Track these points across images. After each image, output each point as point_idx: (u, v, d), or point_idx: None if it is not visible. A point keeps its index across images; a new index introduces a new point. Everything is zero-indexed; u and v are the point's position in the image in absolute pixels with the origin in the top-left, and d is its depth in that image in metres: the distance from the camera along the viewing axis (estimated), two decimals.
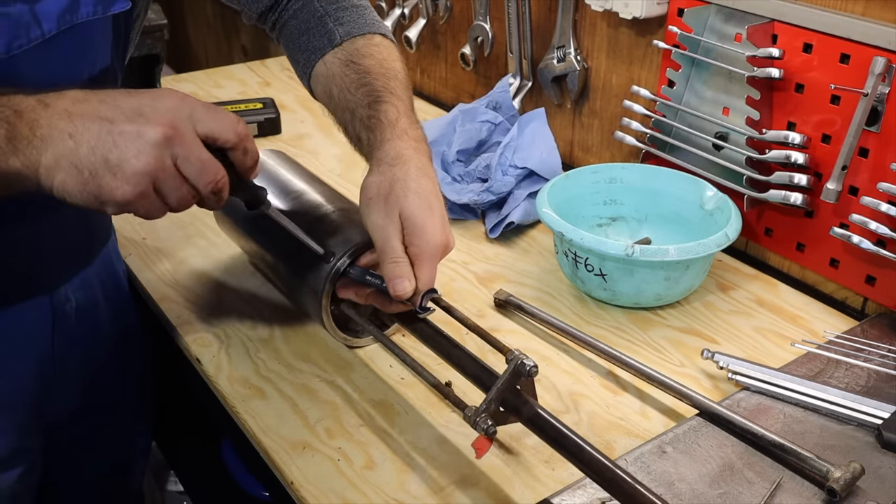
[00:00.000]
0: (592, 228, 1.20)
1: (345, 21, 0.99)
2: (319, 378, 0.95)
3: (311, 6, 1.00)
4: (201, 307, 1.08)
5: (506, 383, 0.76)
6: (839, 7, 1.01)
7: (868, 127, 0.99)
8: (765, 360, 0.98)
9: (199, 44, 2.98)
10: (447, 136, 1.38)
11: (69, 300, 1.01)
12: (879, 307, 1.07)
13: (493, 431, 0.74)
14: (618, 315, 1.08)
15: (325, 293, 0.91)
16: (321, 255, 0.90)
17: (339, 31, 0.98)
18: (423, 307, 0.84)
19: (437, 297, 0.86)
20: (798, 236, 1.13)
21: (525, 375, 0.76)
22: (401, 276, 0.81)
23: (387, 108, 0.90)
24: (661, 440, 0.86)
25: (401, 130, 0.88)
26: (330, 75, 0.96)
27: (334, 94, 0.95)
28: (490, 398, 0.75)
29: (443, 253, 0.84)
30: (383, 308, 0.90)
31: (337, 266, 0.90)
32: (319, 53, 0.98)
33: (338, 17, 0.99)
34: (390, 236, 0.82)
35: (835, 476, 0.77)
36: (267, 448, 0.86)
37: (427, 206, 0.84)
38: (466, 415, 0.75)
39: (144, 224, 1.27)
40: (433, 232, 0.83)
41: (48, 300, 0.98)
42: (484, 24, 1.55)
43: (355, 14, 1.00)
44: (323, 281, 0.90)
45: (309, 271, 0.92)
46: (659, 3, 1.20)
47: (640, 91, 1.24)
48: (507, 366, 0.76)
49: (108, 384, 1.13)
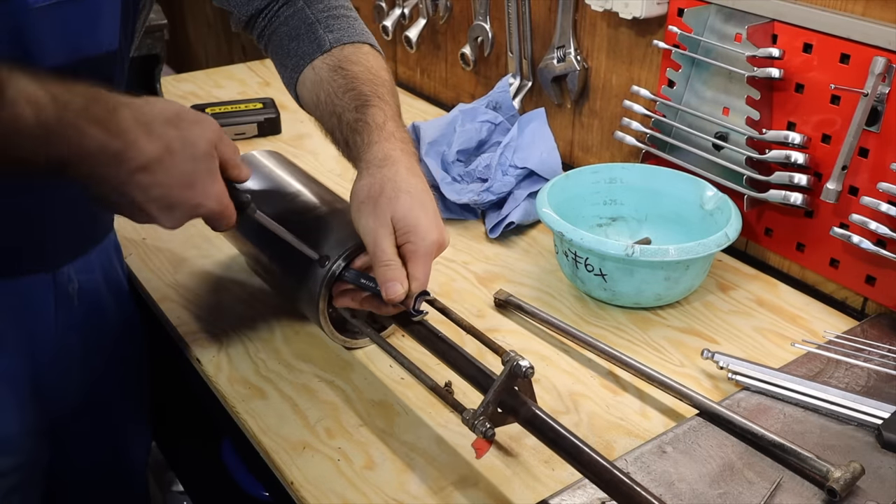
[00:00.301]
0: (592, 228, 1.20)
1: (335, 28, 1.00)
2: (319, 378, 0.95)
3: (303, 13, 1.01)
4: (201, 307, 1.08)
5: (502, 385, 0.76)
6: (839, 7, 1.01)
7: (868, 127, 0.99)
8: (765, 360, 0.98)
9: (199, 44, 2.98)
10: (447, 136, 1.38)
11: (71, 281, 1.02)
12: (879, 307, 1.07)
13: (491, 434, 0.74)
14: (618, 315, 1.08)
15: (321, 297, 0.90)
16: (315, 259, 0.90)
17: (328, 37, 0.99)
18: (417, 310, 0.84)
19: (430, 298, 0.86)
20: (798, 236, 1.13)
21: (521, 376, 0.75)
22: (393, 280, 0.81)
23: (374, 112, 0.90)
24: (661, 440, 0.86)
25: (388, 133, 0.89)
26: (318, 80, 0.97)
27: (321, 100, 0.95)
28: (487, 400, 0.75)
29: (437, 250, 0.85)
30: (378, 311, 0.90)
31: (332, 270, 0.90)
32: (308, 59, 0.98)
33: (328, 24, 1.00)
34: (381, 239, 0.83)
35: (835, 476, 0.77)
36: (267, 448, 0.86)
37: (419, 204, 0.84)
38: (465, 418, 0.75)
39: (144, 224, 1.27)
40: (427, 229, 0.83)
41: (51, 278, 0.99)
42: (484, 24, 1.55)
43: (345, 23, 1.01)
44: (318, 285, 0.90)
45: (305, 275, 0.92)
46: (659, 3, 1.20)
47: (640, 91, 1.24)
48: (503, 367, 0.76)
49: (108, 379, 1.13)
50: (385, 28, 1.77)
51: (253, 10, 1.03)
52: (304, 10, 1.01)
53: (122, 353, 1.15)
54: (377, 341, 0.93)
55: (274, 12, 1.03)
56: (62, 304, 1.01)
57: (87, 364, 1.08)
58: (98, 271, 1.07)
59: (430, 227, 0.83)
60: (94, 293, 1.06)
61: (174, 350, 1.06)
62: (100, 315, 1.08)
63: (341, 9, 1.03)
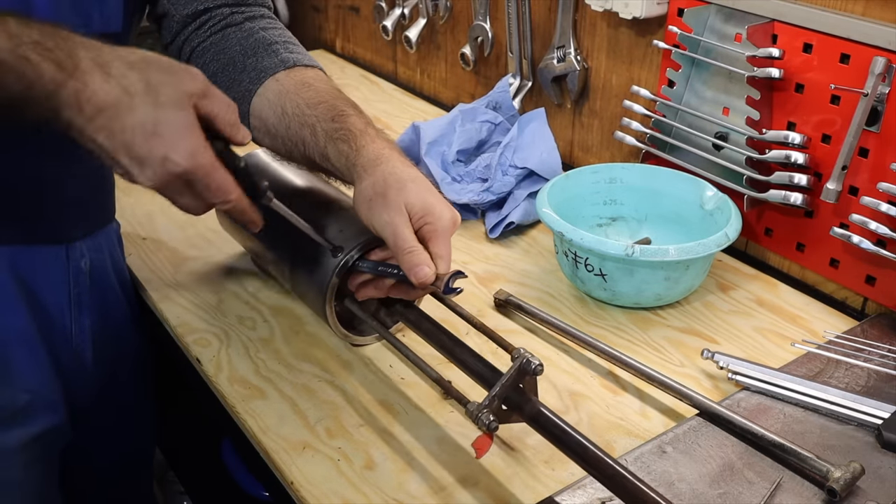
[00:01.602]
0: (592, 228, 1.20)
1: (294, 51, 1.01)
2: (319, 378, 0.95)
3: (259, 35, 1.00)
4: (201, 307, 1.08)
5: (510, 380, 0.76)
6: (839, 7, 1.01)
7: (868, 127, 0.99)
8: (765, 360, 0.98)
9: None
10: (447, 136, 1.38)
11: (84, 256, 1.05)
12: (879, 307, 1.07)
13: (495, 427, 0.74)
14: (618, 315, 1.08)
15: (330, 287, 0.90)
16: (330, 249, 0.90)
17: (291, 57, 0.99)
18: (451, 288, 0.85)
19: (464, 277, 0.86)
20: (798, 236, 1.13)
21: (530, 373, 0.76)
22: (420, 264, 0.82)
23: (353, 121, 0.92)
24: (661, 440, 0.86)
25: (372, 136, 0.91)
26: (283, 91, 0.96)
27: (287, 111, 0.94)
28: (494, 394, 0.75)
29: (453, 227, 0.87)
30: (407, 297, 0.91)
31: (345, 260, 0.90)
32: (271, 72, 0.97)
33: (287, 47, 1.01)
34: (400, 228, 0.83)
35: (835, 476, 0.77)
36: (267, 448, 0.86)
37: (426, 188, 0.86)
38: (469, 410, 0.75)
39: (144, 224, 1.27)
40: (442, 209, 0.85)
41: (64, 251, 1.02)
42: (484, 24, 1.55)
43: (301, 49, 1.03)
44: (330, 274, 0.90)
45: (315, 266, 0.92)
46: (659, 3, 1.20)
47: (640, 91, 1.24)
48: (513, 363, 0.76)
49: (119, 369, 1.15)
50: (385, 28, 1.77)
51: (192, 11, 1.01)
52: (260, 32, 1.01)
53: (133, 343, 1.17)
54: (383, 335, 0.92)
55: (217, 28, 1.01)
56: (76, 279, 1.04)
57: (101, 349, 1.09)
58: (106, 254, 1.10)
59: (443, 207, 0.85)
60: (104, 275, 1.10)
61: (174, 350, 1.06)
62: (111, 299, 1.11)
63: (291, 39, 1.04)
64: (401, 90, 1.86)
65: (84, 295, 1.06)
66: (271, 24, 1.04)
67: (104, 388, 1.13)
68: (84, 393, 1.09)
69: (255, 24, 1.02)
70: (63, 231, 1.02)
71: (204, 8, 1.01)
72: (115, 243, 1.14)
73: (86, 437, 1.13)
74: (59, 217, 1.01)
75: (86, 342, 1.07)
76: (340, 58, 2.08)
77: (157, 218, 1.29)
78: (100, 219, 1.09)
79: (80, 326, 1.06)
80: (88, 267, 1.06)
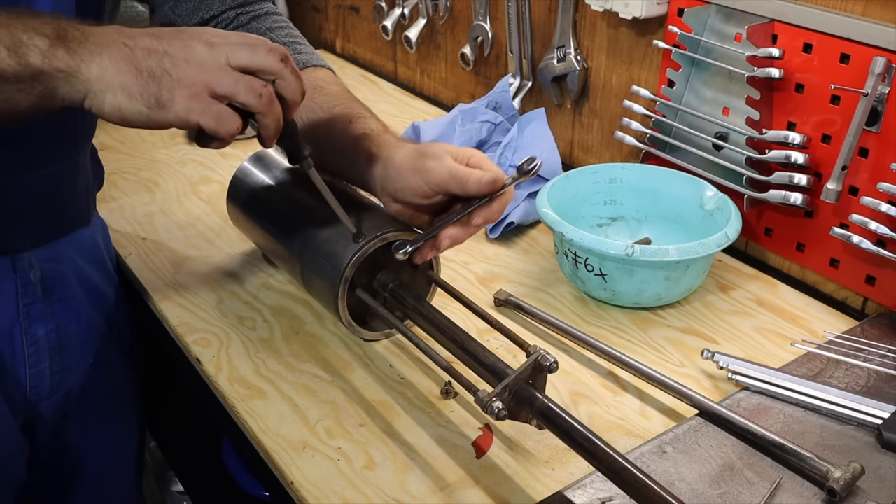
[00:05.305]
0: (592, 228, 1.20)
1: (303, 52, 1.02)
2: (319, 378, 0.96)
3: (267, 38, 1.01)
4: (201, 307, 1.08)
5: (525, 373, 0.77)
6: (839, 7, 1.01)
7: (868, 127, 0.99)
8: (765, 360, 0.98)
9: None
10: (447, 136, 1.38)
11: (33, 268, 1.02)
12: (879, 307, 1.07)
13: (504, 415, 0.74)
14: (618, 315, 1.08)
15: (347, 268, 0.90)
16: (353, 233, 0.91)
17: (301, 59, 1.01)
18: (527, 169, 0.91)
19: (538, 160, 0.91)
20: (798, 236, 1.13)
21: (545, 370, 0.77)
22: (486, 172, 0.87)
23: (371, 123, 0.96)
24: (661, 440, 0.86)
25: (391, 133, 0.96)
26: None
27: (303, 117, 0.97)
28: (506, 384, 0.76)
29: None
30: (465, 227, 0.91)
31: (365, 247, 0.90)
32: None
33: (296, 48, 1.02)
34: (454, 166, 0.88)
35: (835, 476, 0.77)
36: (267, 448, 0.86)
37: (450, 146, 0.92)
38: (479, 398, 0.75)
39: (144, 224, 1.27)
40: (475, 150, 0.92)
41: (9, 262, 0.99)
42: (484, 24, 1.55)
43: (309, 49, 1.04)
44: (349, 257, 0.90)
45: (332, 251, 0.92)
46: (659, 3, 1.20)
47: (640, 91, 1.24)
48: (528, 358, 0.77)
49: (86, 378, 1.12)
50: (385, 28, 1.77)
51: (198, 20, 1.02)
52: (268, 34, 1.01)
53: (106, 355, 1.14)
54: (395, 324, 0.91)
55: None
56: (25, 290, 1.01)
57: (61, 361, 1.07)
58: (68, 266, 1.06)
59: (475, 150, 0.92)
60: (63, 287, 1.06)
61: (174, 350, 1.06)
62: (74, 312, 1.08)
63: (299, 38, 1.05)
64: (401, 90, 1.86)
65: (35, 305, 1.02)
66: (277, 22, 1.04)
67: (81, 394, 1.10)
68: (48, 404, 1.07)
69: (262, 23, 1.02)
70: (7, 242, 0.99)
71: (210, 16, 1.01)
72: (88, 251, 1.10)
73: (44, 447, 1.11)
74: (4, 228, 0.98)
75: (40, 353, 1.04)
76: (340, 58, 2.08)
77: (157, 218, 1.29)
78: (54, 229, 1.05)
79: (32, 337, 1.03)
80: (39, 278, 1.02)
